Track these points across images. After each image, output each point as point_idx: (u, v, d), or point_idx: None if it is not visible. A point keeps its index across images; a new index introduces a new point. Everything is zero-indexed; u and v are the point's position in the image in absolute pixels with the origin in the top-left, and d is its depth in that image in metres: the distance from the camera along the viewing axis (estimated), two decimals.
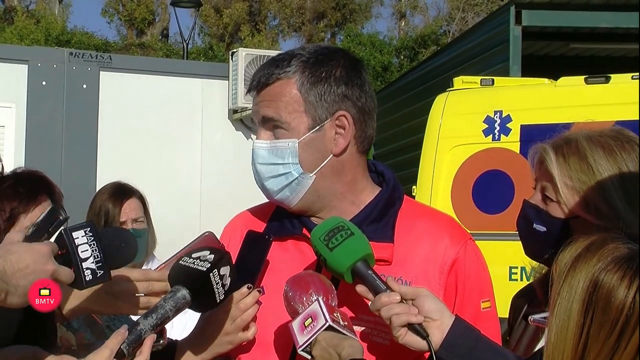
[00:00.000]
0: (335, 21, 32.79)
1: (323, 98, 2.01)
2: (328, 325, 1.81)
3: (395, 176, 2.16)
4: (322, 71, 2.03)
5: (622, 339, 1.41)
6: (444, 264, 2.01)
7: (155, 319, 1.79)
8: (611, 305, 1.42)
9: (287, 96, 2.01)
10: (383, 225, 2.04)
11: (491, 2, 29.60)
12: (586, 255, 1.49)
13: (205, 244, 2.02)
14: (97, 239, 1.80)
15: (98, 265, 1.78)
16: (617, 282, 1.43)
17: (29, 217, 2.49)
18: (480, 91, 6.20)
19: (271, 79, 2.03)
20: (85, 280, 1.77)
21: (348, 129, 2.03)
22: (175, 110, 6.83)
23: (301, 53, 2.07)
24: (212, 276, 1.81)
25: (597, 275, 1.45)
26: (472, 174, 5.96)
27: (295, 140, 2.01)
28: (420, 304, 1.84)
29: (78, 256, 1.77)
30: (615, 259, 1.46)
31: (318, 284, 1.91)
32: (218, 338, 2.00)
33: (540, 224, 2.08)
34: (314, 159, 2.02)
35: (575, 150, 2.04)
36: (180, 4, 16.96)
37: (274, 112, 2.01)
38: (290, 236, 2.09)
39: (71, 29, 29.55)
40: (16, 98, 6.38)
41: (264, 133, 2.04)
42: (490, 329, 1.97)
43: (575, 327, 1.45)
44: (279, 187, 2.03)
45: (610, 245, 1.48)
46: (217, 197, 6.63)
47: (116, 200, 3.81)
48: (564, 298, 1.47)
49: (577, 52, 9.68)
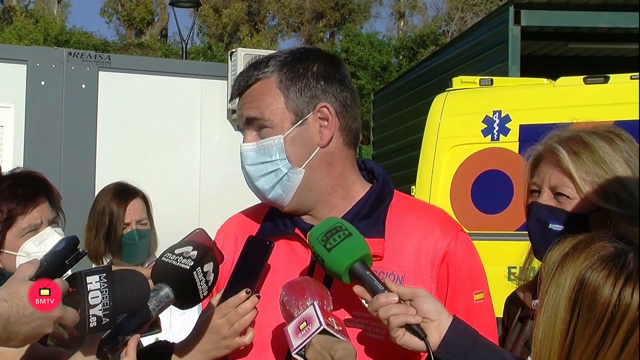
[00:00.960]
0: (334, 21, 32.80)
1: (303, 92, 2.05)
2: (322, 328, 1.82)
3: (384, 172, 2.18)
4: (299, 67, 2.07)
5: (607, 336, 1.44)
6: (434, 256, 2.02)
7: (139, 319, 1.79)
8: (597, 303, 1.44)
9: (267, 95, 2.05)
10: (374, 220, 2.05)
11: (490, 2, 29.61)
12: (573, 254, 1.51)
13: (196, 240, 2.01)
14: (109, 287, 1.78)
15: (105, 313, 1.76)
16: (602, 280, 1.45)
17: (26, 218, 2.49)
18: (479, 91, 6.20)
19: (250, 81, 2.07)
20: (89, 327, 1.76)
21: (332, 120, 2.05)
22: (174, 110, 6.83)
23: (278, 55, 2.12)
24: (196, 274, 1.81)
25: (584, 273, 1.47)
26: (471, 174, 5.96)
27: (281, 136, 2.03)
28: (418, 305, 1.84)
29: (87, 302, 1.75)
30: (601, 257, 1.48)
31: (314, 289, 1.92)
32: (215, 342, 2.00)
33: (557, 223, 2.08)
34: (301, 153, 2.04)
35: (584, 145, 2.07)
36: (179, 3, 16.95)
37: (257, 111, 2.04)
38: (283, 236, 2.10)
39: (70, 29, 29.57)
40: (15, 98, 6.38)
41: (249, 135, 2.07)
42: (483, 321, 1.98)
43: (562, 324, 1.47)
44: (270, 185, 2.05)
45: (597, 244, 1.51)
46: (216, 196, 6.63)
47: (121, 201, 3.80)
48: (552, 296, 1.49)
49: (576, 52, 9.68)
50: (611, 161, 2.05)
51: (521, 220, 5.68)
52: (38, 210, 2.52)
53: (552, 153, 2.10)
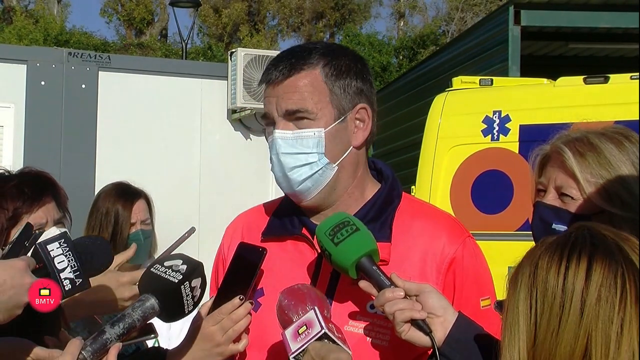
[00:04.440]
0: (334, 21, 32.78)
1: (346, 90, 2.02)
2: (324, 332, 1.82)
3: (393, 173, 2.17)
4: (342, 64, 2.03)
5: (565, 326, 1.41)
6: (441, 262, 2.01)
7: (122, 327, 1.79)
8: (547, 293, 1.42)
9: (312, 86, 2.00)
10: (380, 224, 2.04)
11: (490, 2, 29.59)
12: (532, 250, 1.50)
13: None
14: (72, 249, 1.80)
15: (76, 274, 1.78)
16: (547, 267, 1.43)
17: (32, 217, 2.49)
18: (479, 91, 6.19)
19: (294, 71, 2.00)
20: (65, 290, 1.77)
21: (367, 122, 2.05)
22: (174, 111, 6.83)
23: (317, 46, 2.07)
24: (183, 288, 1.81)
25: (536, 261, 1.46)
26: (471, 174, 5.96)
27: (322, 130, 2.00)
28: (424, 300, 1.84)
29: (55, 267, 1.77)
30: (551, 244, 1.46)
31: (314, 296, 1.92)
32: (208, 349, 1.99)
33: (561, 223, 2.07)
34: (337, 150, 2.02)
35: (590, 147, 2.06)
36: (179, 4, 16.95)
37: (301, 103, 1.99)
38: (290, 236, 2.08)
39: (70, 29, 29.55)
40: (15, 98, 6.37)
41: (284, 124, 2.01)
42: (490, 327, 1.97)
43: (523, 317, 1.45)
44: (303, 178, 2.01)
45: (554, 237, 1.50)
46: (216, 197, 6.63)
47: (126, 203, 3.80)
48: (514, 289, 1.48)
49: (576, 52, 9.67)
50: (617, 163, 2.04)
51: (521, 220, 5.69)
52: (44, 210, 2.52)
53: (558, 154, 2.10)
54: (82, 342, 1.74)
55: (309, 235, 2.06)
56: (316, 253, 2.04)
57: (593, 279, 1.41)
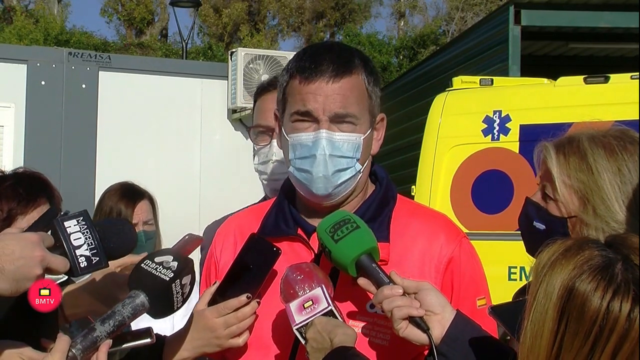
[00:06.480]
0: (334, 21, 32.75)
1: (377, 98, 2.06)
2: (330, 309, 1.83)
3: (388, 175, 2.17)
4: (375, 71, 2.06)
5: (596, 349, 1.42)
6: (439, 262, 2.02)
7: (112, 325, 1.78)
8: (585, 315, 1.43)
9: (359, 91, 2.01)
10: (378, 224, 2.04)
11: (490, 2, 29.57)
12: (562, 261, 1.49)
13: (190, 246, 1.99)
14: (90, 227, 1.77)
15: (93, 252, 1.75)
16: (591, 292, 1.43)
17: (26, 218, 2.48)
18: (479, 91, 6.19)
19: (344, 74, 1.98)
20: (80, 267, 1.75)
21: (382, 132, 2.09)
22: (175, 110, 6.83)
23: (352, 49, 2.07)
24: (174, 286, 1.81)
25: (572, 283, 1.45)
26: (471, 174, 5.96)
27: (361, 136, 2.01)
28: (422, 298, 1.84)
29: (70, 244, 1.74)
30: (590, 267, 1.46)
31: (321, 276, 1.93)
32: (208, 339, 2.00)
33: (540, 221, 2.07)
34: (365, 157, 2.05)
35: (576, 150, 2.03)
36: (180, 3, 16.94)
37: (350, 108, 1.98)
38: (285, 237, 2.08)
39: (70, 29, 29.51)
40: (15, 98, 6.38)
41: (329, 125, 1.98)
42: (486, 326, 1.98)
43: (549, 333, 1.46)
44: (342, 181, 2.01)
45: (586, 252, 1.48)
46: (216, 196, 6.63)
47: (129, 202, 3.79)
48: (540, 303, 1.48)
49: (576, 52, 9.67)
50: (599, 170, 1.98)
51: None
52: (38, 211, 2.51)
53: (546, 152, 2.10)
54: (69, 339, 1.73)
55: (304, 236, 2.06)
56: (312, 253, 2.04)
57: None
